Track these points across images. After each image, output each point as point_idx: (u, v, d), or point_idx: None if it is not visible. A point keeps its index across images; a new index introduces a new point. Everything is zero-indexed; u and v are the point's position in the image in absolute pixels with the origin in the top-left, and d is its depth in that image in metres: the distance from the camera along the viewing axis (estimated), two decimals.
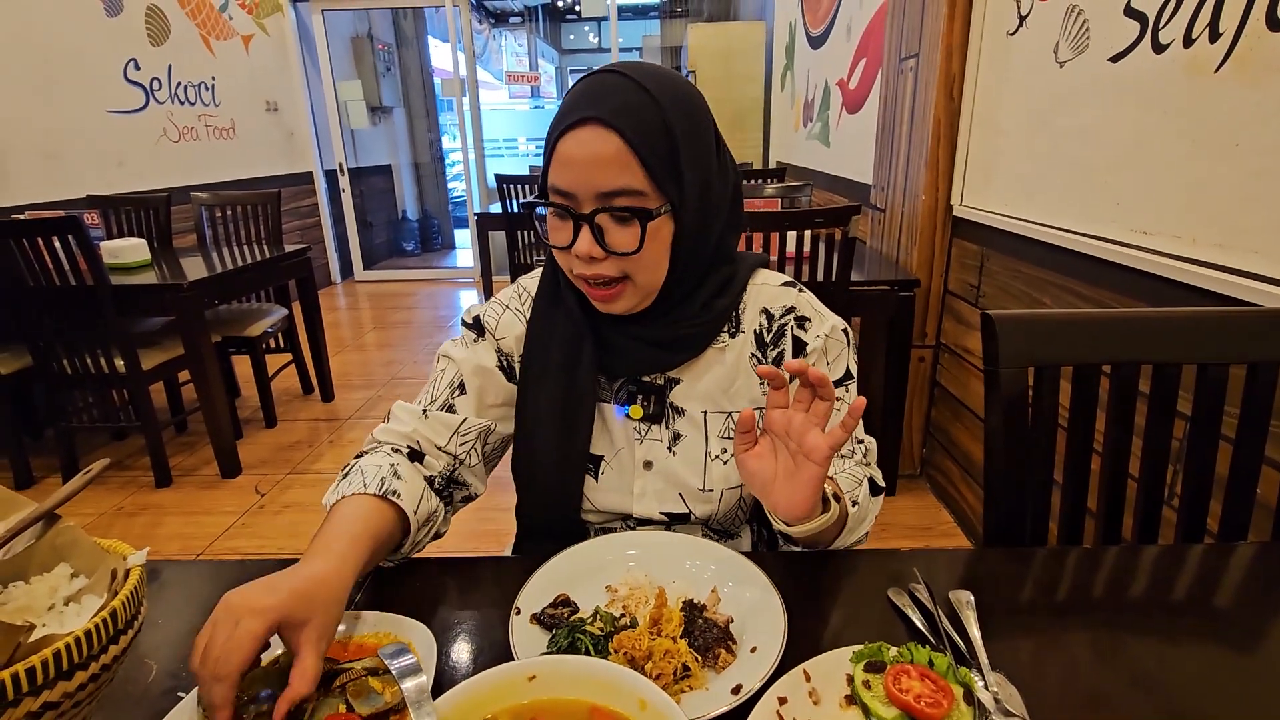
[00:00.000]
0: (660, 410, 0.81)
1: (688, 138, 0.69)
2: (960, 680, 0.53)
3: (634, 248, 0.69)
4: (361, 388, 3.56)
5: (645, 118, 0.66)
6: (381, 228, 6.95)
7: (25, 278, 2.19)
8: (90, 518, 2.36)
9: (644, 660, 0.57)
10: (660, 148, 0.67)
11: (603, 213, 0.68)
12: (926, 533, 2.17)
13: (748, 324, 0.82)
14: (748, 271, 0.83)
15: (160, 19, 4.06)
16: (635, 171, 0.67)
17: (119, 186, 3.65)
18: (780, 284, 0.84)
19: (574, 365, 0.79)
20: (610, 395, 0.83)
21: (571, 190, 0.68)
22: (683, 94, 0.70)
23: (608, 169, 0.66)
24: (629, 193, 0.67)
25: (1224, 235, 1.19)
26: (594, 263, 0.70)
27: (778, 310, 0.82)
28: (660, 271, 0.73)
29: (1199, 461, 0.88)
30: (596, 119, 0.66)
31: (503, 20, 10.44)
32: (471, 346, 0.84)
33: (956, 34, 2.04)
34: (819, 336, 0.81)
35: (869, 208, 2.72)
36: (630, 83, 0.67)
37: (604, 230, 0.69)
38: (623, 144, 0.66)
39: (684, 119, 0.69)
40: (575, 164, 0.67)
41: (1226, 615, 0.66)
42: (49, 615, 0.50)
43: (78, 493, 0.55)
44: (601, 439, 0.83)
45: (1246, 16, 1.11)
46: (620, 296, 0.73)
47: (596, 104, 0.66)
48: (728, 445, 0.81)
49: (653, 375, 0.81)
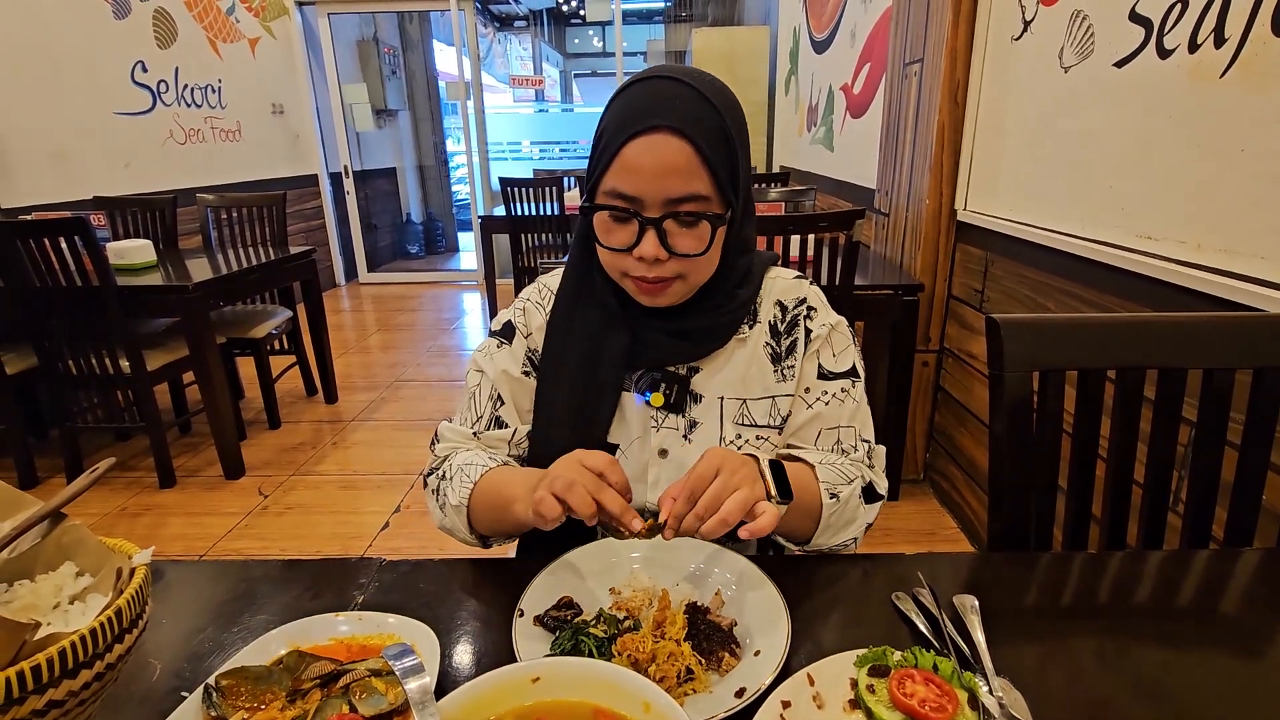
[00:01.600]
0: (681, 399, 0.82)
1: (743, 146, 0.73)
2: (965, 685, 0.53)
3: (699, 250, 0.72)
4: (365, 390, 3.57)
5: (711, 127, 0.69)
6: (386, 230, 6.97)
7: (32, 278, 2.20)
8: (94, 518, 2.37)
9: (647, 663, 0.57)
10: (724, 156, 0.70)
11: (670, 218, 0.70)
12: (930, 538, 2.17)
13: (764, 315, 0.85)
14: (763, 266, 0.86)
15: (167, 22, 4.08)
16: (704, 179, 0.69)
17: (125, 188, 3.66)
18: (793, 277, 0.87)
19: (597, 357, 0.81)
20: (631, 384, 0.84)
21: (639, 195, 0.70)
22: (735, 102, 0.74)
23: (679, 176, 0.69)
24: (697, 198, 0.70)
25: (1229, 240, 1.18)
26: (657, 264, 0.72)
27: (791, 302, 0.85)
28: (712, 269, 0.77)
29: (1204, 467, 0.87)
30: (669, 127, 0.68)
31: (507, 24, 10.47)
32: (497, 355, 0.86)
33: (961, 39, 2.04)
34: (824, 325, 0.84)
35: (873, 212, 2.72)
36: (694, 92, 0.70)
37: (668, 234, 0.71)
38: (694, 153, 0.68)
39: (739, 128, 0.73)
40: (645, 170, 0.69)
41: (1232, 621, 0.66)
42: (54, 614, 0.50)
43: (83, 492, 0.55)
44: (618, 427, 0.84)
45: (1252, 22, 1.11)
46: (668, 290, 0.76)
47: (666, 113, 0.68)
48: (742, 431, 0.83)
49: (677, 365, 0.83)
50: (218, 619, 0.68)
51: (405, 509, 2.42)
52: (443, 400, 3.41)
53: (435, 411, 3.28)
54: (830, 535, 0.76)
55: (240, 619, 0.68)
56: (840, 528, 0.76)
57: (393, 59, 6.88)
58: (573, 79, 12.51)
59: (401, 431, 3.06)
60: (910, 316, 2.19)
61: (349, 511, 2.43)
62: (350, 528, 2.32)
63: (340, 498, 2.52)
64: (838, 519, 0.75)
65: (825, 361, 0.84)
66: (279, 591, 0.72)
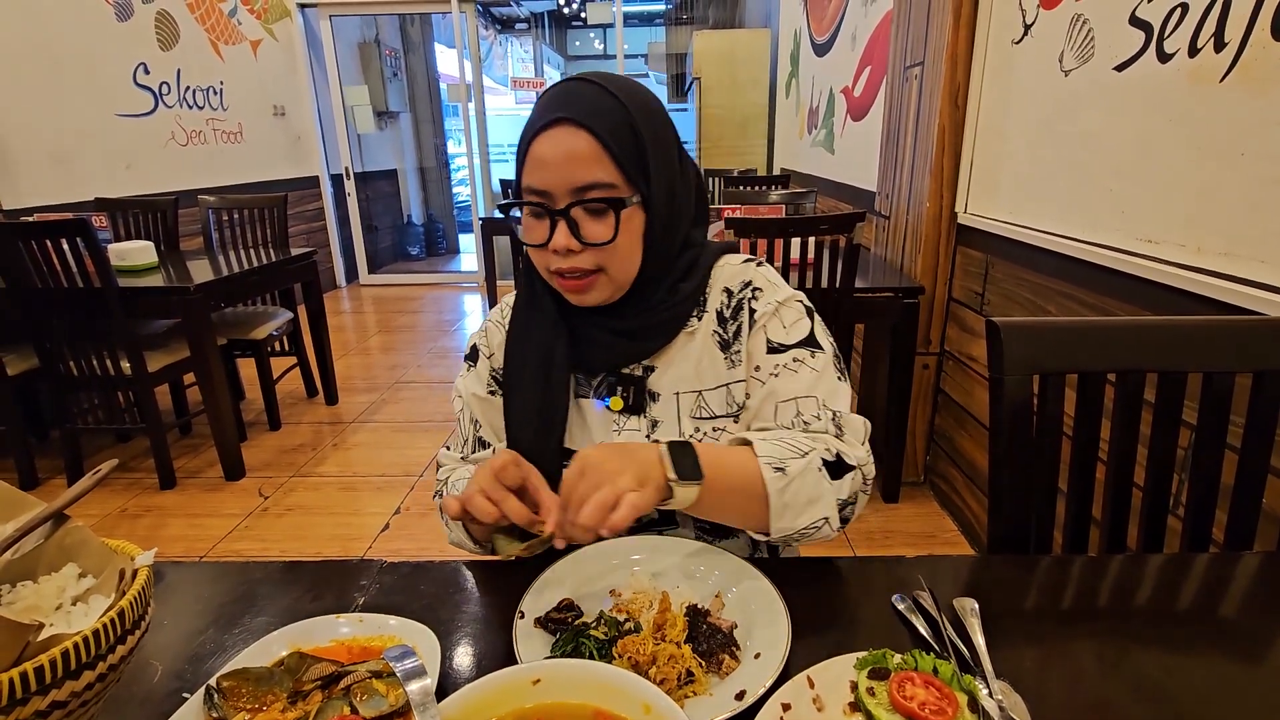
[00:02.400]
0: (640, 401, 0.83)
1: (653, 139, 0.74)
2: (964, 688, 0.53)
3: (609, 237, 0.73)
4: (365, 391, 3.57)
5: (614, 119, 0.71)
6: (386, 232, 6.98)
7: (33, 279, 2.21)
8: (94, 519, 2.37)
9: (648, 665, 0.57)
10: (629, 146, 0.72)
11: (578, 205, 0.72)
12: (930, 540, 2.17)
13: (711, 304, 0.84)
14: (712, 256, 0.85)
15: (170, 24, 4.09)
16: (607, 165, 0.71)
17: (127, 189, 3.67)
18: (741, 262, 0.86)
19: (549, 364, 0.82)
20: (590, 390, 0.85)
21: (546, 188, 0.72)
22: (647, 100, 0.75)
23: (581, 164, 0.71)
24: (602, 185, 0.71)
25: (1230, 244, 1.18)
26: (570, 255, 0.73)
27: (737, 286, 0.84)
28: (633, 262, 0.77)
29: (1204, 470, 0.87)
30: (569, 119, 0.70)
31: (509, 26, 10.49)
32: (467, 378, 0.90)
33: (961, 43, 2.04)
34: (770, 302, 0.82)
35: (873, 215, 2.72)
36: (598, 89, 0.72)
37: (578, 224, 0.73)
38: (594, 140, 0.70)
39: (649, 122, 0.74)
40: (549, 163, 0.71)
41: (1232, 625, 0.66)
42: (57, 615, 0.50)
43: (86, 493, 0.55)
44: (581, 434, 0.85)
45: (1252, 26, 1.12)
46: (593, 288, 0.76)
47: (567, 106, 0.71)
48: (700, 424, 0.82)
49: (631, 367, 0.83)
50: (218, 620, 0.68)
51: (405, 511, 2.42)
52: (443, 402, 3.41)
53: (435, 413, 3.28)
54: (792, 516, 0.69)
55: (241, 620, 0.68)
56: (801, 507, 0.69)
57: (394, 61, 6.89)
58: None
59: (402, 433, 3.07)
60: (910, 319, 2.19)
61: (349, 513, 2.43)
62: (351, 529, 2.32)
63: (341, 499, 2.52)
64: (794, 496, 0.69)
65: (774, 335, 0.80)
66: (279, 593, 0.72)
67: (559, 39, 11.87)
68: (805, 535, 0.72)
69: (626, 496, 0.61)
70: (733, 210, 2.52)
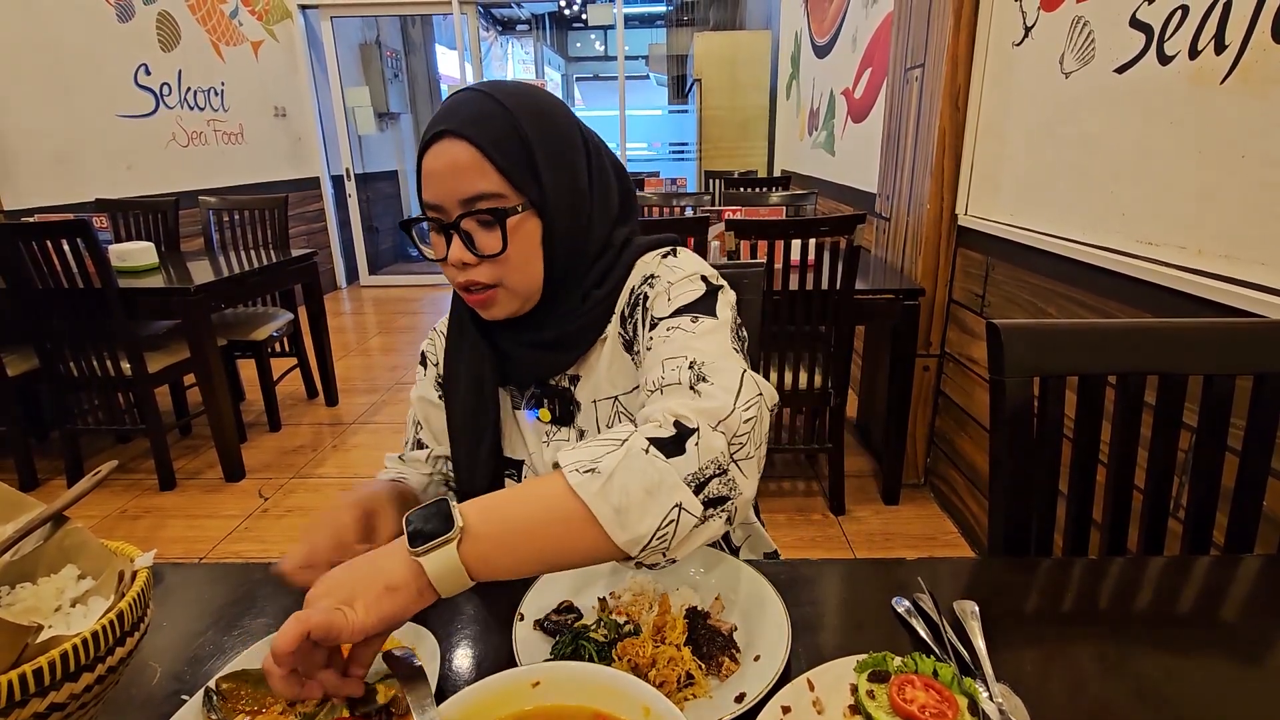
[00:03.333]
0: (567, 412, 0.83)
1: (542, 141, 0.71)
2: (965, 691, 0.53)
3: (499, 249, 0.71)
4: (366, 392, 3.57)
5: (495, 125, 0.69)
6: (387, 233, 6.98)
7: (34, 280, 2.21)
8: (94, 520, 2.37)
9: (648, 667, 0.57)
10: (512, 151, 0.70)
11: (467, 217, 0.70)
12: (930, 542, 2.16)
13: (619, 306, 0.79)
14: (634, 254, 0.80)
15: (171, 25, 4.09)
16: (490, 175, 0.69)
17: (128, 190, 3.67)
18: (655, 255, 0.79)
19: (479, 378, 0.82)
20: (523, 401, 0.85)
21: (438, 202, 0.71)
22: (537, 101, 0.73)
23: (464, 176, 0.69)
24: (487, 196, 0.70)
25: (1230, 246, 1.18)
26: (467, 269, 0.72)
27: (639, 280, 0.78)
28: (531, 271, 0.74)
29: (1205, 473, 0.87)
30: (449, 131, 0.69)
31: (510, 28, 10.50)
32: (421, 382, 0.92)
33: (962, 45, 2.05)
34: (663, 284, 0.73)
35: (874, 216, 2.72)
36: (481, 95, 0.71)
37: (472, 237, 0.71)
38: (474, 150, 0.68)
39: (537, 125, 0.71)
40: (435, 176, 0.70)
41: (1232, 628, 0.66)
42: (56, 617, 0.50)
43: (86, 494, 0.55)
44: (518, 444, 0.87)
45: (1252, 28, 1.12)
46: (495, 302, 0.75)
47: (449, 118, 0.69)
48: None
49: (556, 378, 0.83)
50: (218, 622, 0.68)
51: None
52: None
53: None
54: (635, 520, 0.51)
55: (240, 622, 0.68)
56: (639, 504, 0.52)
57: (395, 62, 6.90)
58: (574, 83, 12.54)
59: (402, 435, 3.05)
60: (911, 321, 2.19)
61: None
62: None
63: None
64: (622, 495, 0.51)
65: (657, 311, 0.72)
66: (279, 594, 0.72)
67: (560, 40, 11.88)
68: (666, 538, 0.52)
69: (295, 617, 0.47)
70: (733, 212, 2.53)
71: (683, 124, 8.14)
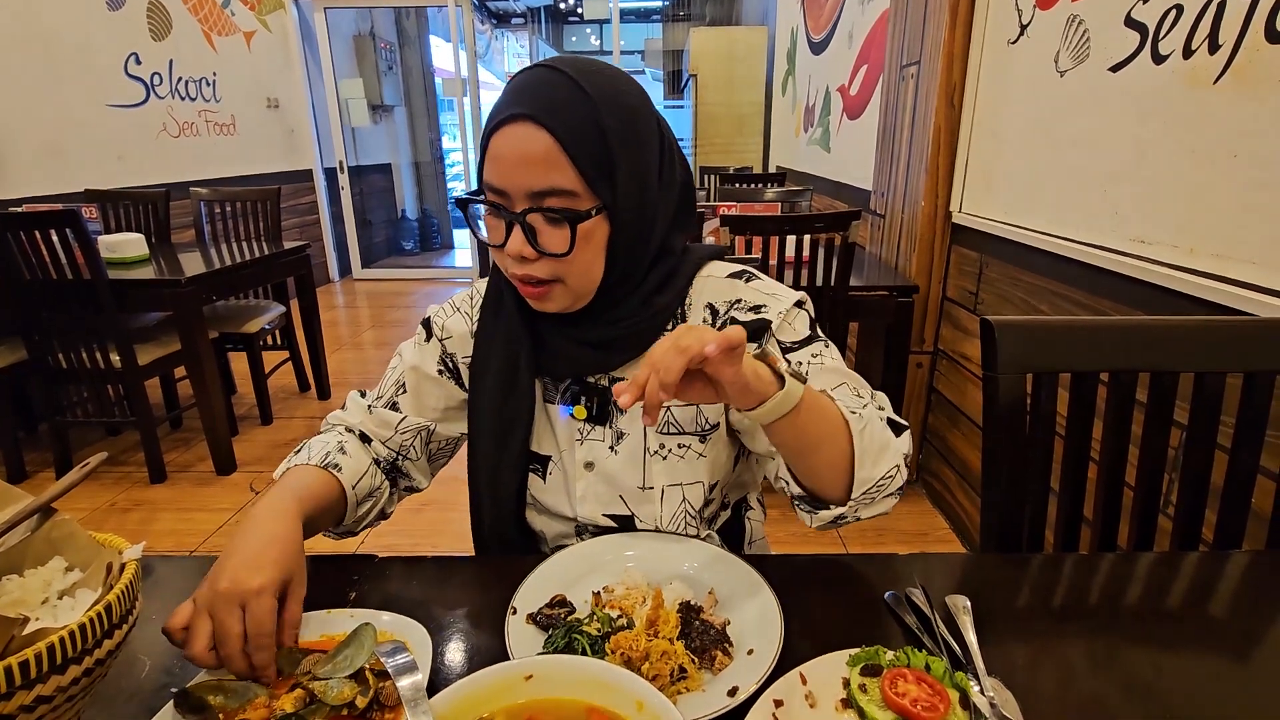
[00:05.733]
0: (604, 412, 0.80)
1: (622, 137, 0.66)
2: (956, 685, 0.53)
3: (565, 250, 0.67)
4: (358, 386, 3.54)
5: (577, 115, 0.64)
6: (380, 226, 6.95)
7: (22, 271, 2.18)
8: (83, 513, 2.35)
9: (641, 661, 0.57)
10: (592, 147, 0.65)
11: (534, 212, 0.66)
12: (922, 539, 2.18)
13: (693, 319, 0.79)
14: (694, 265, 0.80)
15: (162, 14, 4.05)
16: (565, 171, 0.64)
17: (118, 181, 3.64)
18: (727, 275, 0.80)
19: (514, 367, 0.78)
20: (556, 395, 0.82)
21: (503, 188, 0.66)
22: (621, 91, 0.68)
23: (538, 168, 0.64)
24: (560, 193, 0.65)
25: (1222, 245, 1.19)
26: (525, 263, 0.68)
27: (723, 306, 0.78)
28: (593, 274, 0.71)
29: (1195, 470, 0.88)
30: (526, 116, 0.63)
31: (505, 21, 10.45)
32: (420, 348, 0.86)
33: (958, 42, 2.05)
34: (780, 313, 0.77)
35: (869, 213, 2.73)
36: (564, 78, 0.65)
37: (536, 230, 0.67)
38: (552, 141, 0.63)
39: (619, 117, 0.66)
40: (504, 161, 0.65)
41: (1221, 622, 0.66)
42: (43, 609, 0.50)
43: (74, 486, 0.55)
44: (548, 439, 0.82)
45: (1246, 28, 1.12)
46: (550, 296, 0.71)
47: (527, 100, 0.64)
48: (665, 440, 0.79)
49: (596, 376, 0.80)
50: None
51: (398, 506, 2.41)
52: None
53: None
54: (872, 462, 0.65)
55: None
56: (877, 453, 0.66)
57: (389, 54, 6.85)
58: None
59: None
60: (905, 318, 2.20)
61: None
62: None
63: None
64: (870, 440, 0.65)
65: (785, 337, 0.76)
66: None
67: (555, 34, 11.83)
68: (881, 488, 0.67)
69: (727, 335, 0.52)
70: (728, 208, 2.52)
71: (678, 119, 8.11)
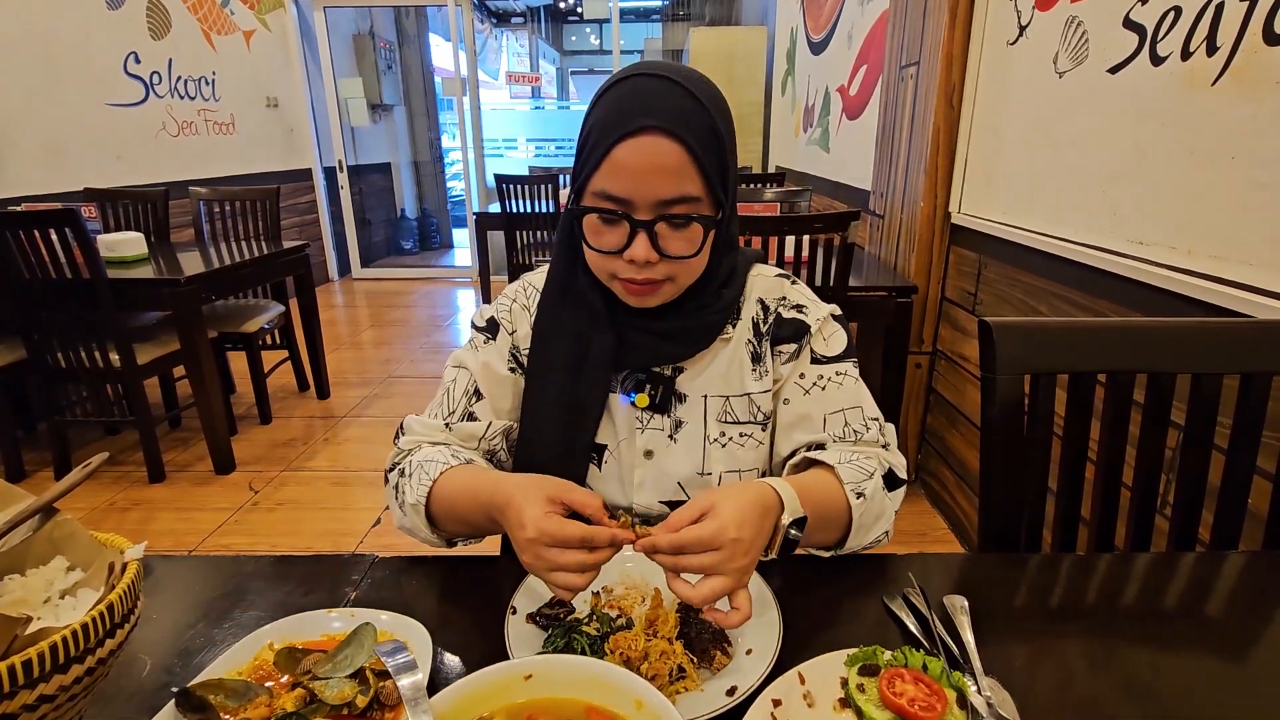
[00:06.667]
0: (666, 400, 0.82)
1: (732, 144, 0.72)
2: (954, 684, 0.53)
3: (691, 252, 0.71)
4: (357, 385, 3.55)
5: (701, 126, 0.68)
6: (380, 226, 6.94)
7: (21, 270, 2.18)
8: (82, 512, 2.35)
9: (640, 661, 0.57)
10: (714, 156, 0.69)
11: (662, 220, 0.69)
12: (921, 539, 2.18)
13: (746, 313, 0.84)
14: (747, 264, 0.85)
15: (161, 13, 4.05)
16: (695, 180, 0.68)
17: (117, 180, 3.63)
18: (775, 275, 0.87)
19: (584, 359, 0.80)
20: (617, 384, 0.83)
21: (628, 197, 0.68)
22: (721, 99, 0.72)
23: (670, 178, 0.67)
24: (688, 200, 0.69)
25: (1220, 247, 1.19)
26: (648, 266, 0.71)
27: (773, 301, 0.85)
28: (700, 271, 0.76)
29: (1192, 471, 0.88)
30: (660, 128, 0.66)
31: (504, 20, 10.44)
32: (483, 349, 0.85)
33: (957, 43, 2.05)
34: (818, 319, 0.83)
35: (868, 214, 2.73)
36: (683, 90, 0.68)
37: (659, 236, 0.70)
38: (684, 152, 0.67)
39: (728, 126, 0.71)
40: (634, 172, 0.67)
41: (1218, 623, 0.67)
42: (45, 608, 0.50)
43: (76, 486, 0.55)
44: (606, 428, 0.83)
45: (1244, 30, 1.12)
46: (658, 293, 0.75)
47: (653, 112, 0.66)
48: (726, 429, 0.82)
49: (662, 365, 0.82)
50: (208, 615, 0.68)
51: None
52: None
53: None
54: (863, 535, 0.73)
55: (231, 615, 0.68)
56: (870, 525, 0.73)
57: (389, 53, 6.84)
58: (569, 76, 12.48)
59: (394, 428, 3.04)
60: (904, 318, 2.20)
61: (340, 508, 2.42)
62: (342, 524, 2.31)
63: (332, 494, 2.51)
64: (868, 517, 0.72)
65: (817, 348, 0.82)
66: (270, 588, 0.72)
67: (555, 33, 11.81)
68: (867, 548, 0.75)
69: (741, 601, 0.57)
70: None
71: None
